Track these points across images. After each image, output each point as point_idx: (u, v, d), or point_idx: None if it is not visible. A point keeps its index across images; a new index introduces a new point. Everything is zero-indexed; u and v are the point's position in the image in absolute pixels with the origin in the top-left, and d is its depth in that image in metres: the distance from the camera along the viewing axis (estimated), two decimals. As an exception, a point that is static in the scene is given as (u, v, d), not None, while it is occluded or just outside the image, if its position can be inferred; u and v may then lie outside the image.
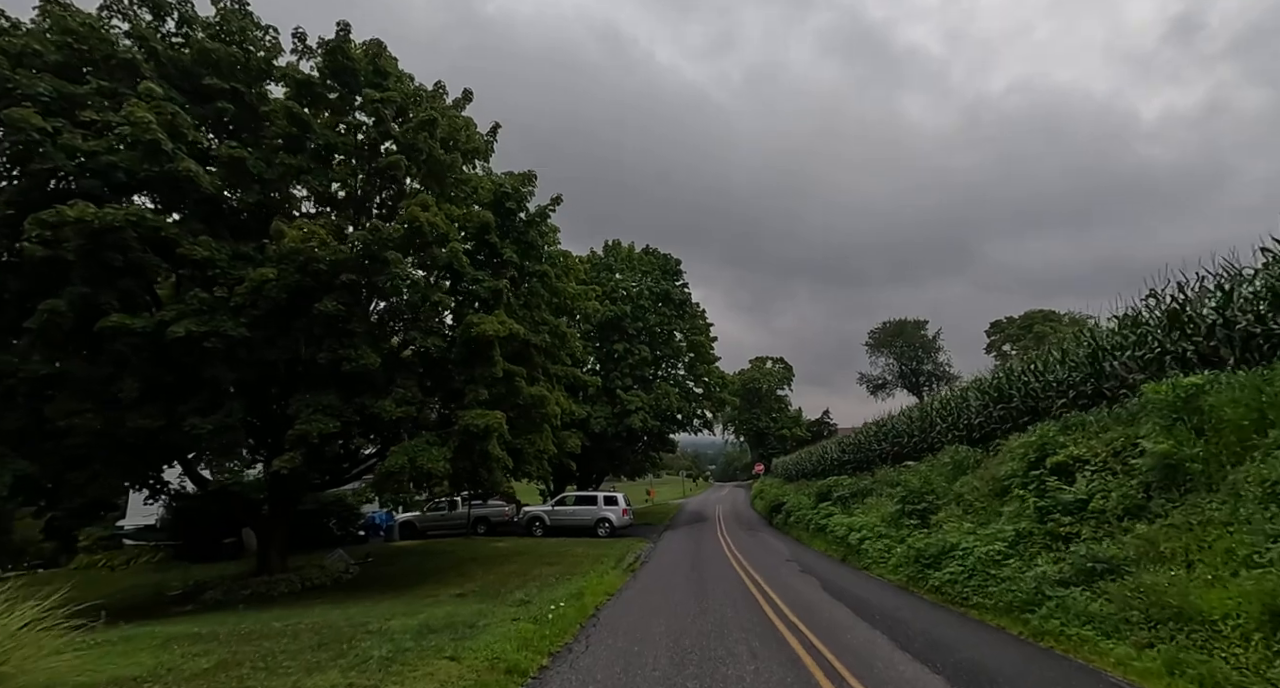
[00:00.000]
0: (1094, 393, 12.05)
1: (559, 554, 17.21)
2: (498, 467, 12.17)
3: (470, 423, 11.48)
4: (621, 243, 32.71)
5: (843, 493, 20.86)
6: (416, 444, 11.52)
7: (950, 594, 8.86)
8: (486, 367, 12.33)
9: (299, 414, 10.90)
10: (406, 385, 12.15)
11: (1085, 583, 6.71)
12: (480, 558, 17.22)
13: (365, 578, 15.05)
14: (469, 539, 22.48)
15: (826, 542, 17.60)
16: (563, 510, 23.93)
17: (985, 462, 13.71)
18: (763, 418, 79.84)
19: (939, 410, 19.49)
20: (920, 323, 75.65)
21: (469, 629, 7.14)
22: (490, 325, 11.80)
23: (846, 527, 16.20)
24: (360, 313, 11.61)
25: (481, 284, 12.81)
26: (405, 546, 21.93)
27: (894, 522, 13.99)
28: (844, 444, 29.94)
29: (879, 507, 16.64)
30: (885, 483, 18.81)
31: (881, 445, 24.22)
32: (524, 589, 11.32)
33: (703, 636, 7.06)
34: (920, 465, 16.92)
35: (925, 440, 20.21)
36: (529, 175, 14.62)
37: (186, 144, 10.56)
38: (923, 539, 10.90)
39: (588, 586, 11.03)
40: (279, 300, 10.79)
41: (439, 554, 18.67)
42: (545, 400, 13.51)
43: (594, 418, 27.55)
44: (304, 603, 11.82)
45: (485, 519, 24.67)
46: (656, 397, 28.43)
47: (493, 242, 13.36)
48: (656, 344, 30.61)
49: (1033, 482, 9.38)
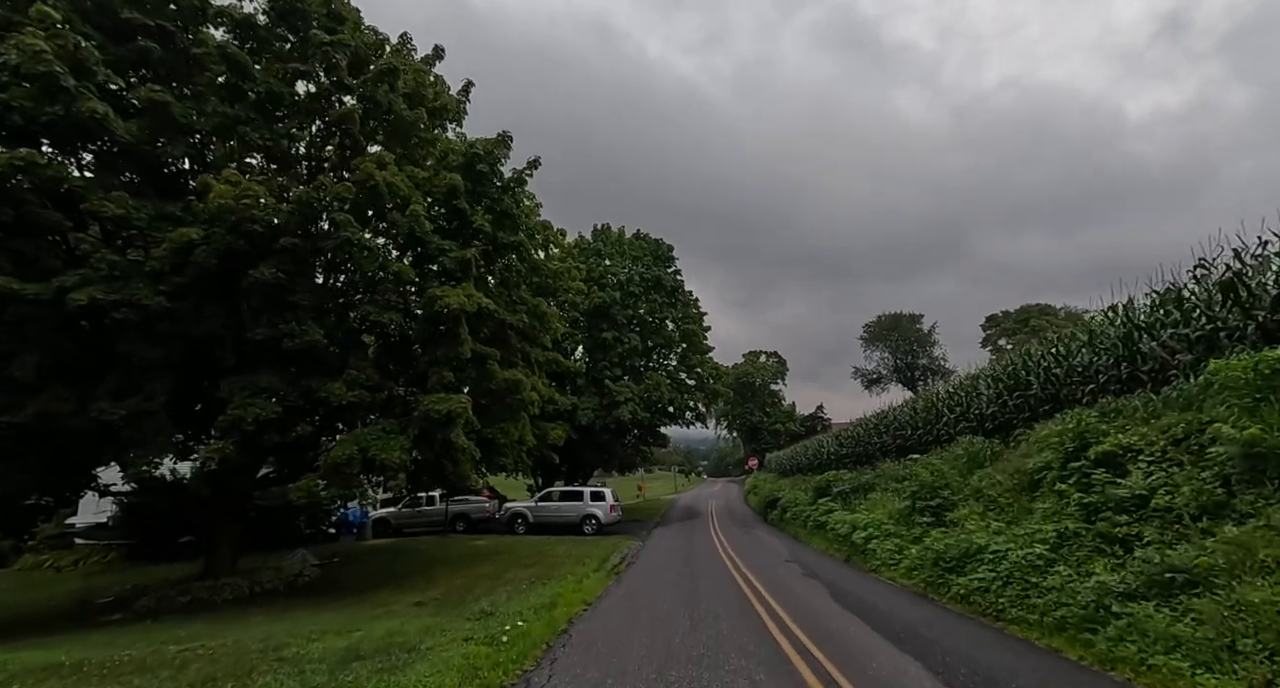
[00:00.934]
0: (1128, 377, 10.86)
1: (538, 554, 15.90)
2: (464, 458, 10.80)
3: (430, 409, 10.10)
4: (611, 227, 31.29)
5: (843, 488, 19.73)
6: (370, 433, 10.13)
7: (980, 605, 7.63)
8: (452, 346, 10.95)
9: (232, 397, 9.48)
10: (362, 367, 10.75)
11: (1161, 598, 5.48)
12: (452, 558, 15.89)
13: (323, 582, 13.67)
14: (445, 537, 21.12)
15: (827, 540, 16.40)
16: (547, 507, 22.60)
17: (1005, 454, 12.51)
18: (756, 413, 78.84)
19: (946, 401, 18.32)
20: (915, 317, 74.77)
21: (406, 655, 5.81)
22: (455, 298, 10.42)
23: (849, 524, 15.00)
24: (306, 283, 10.19)
25: (448, 254, 11.41)
26: (377, 544, 20.53)
27: (904, 519, 12.80)
28: (841, 438, 28.80)
29: (884, 503, 15.46)
30: (889, 478, 17.64)
31: (882, 439, 23.09)
32: (491, 597, 10.00)
33: (693, 662, 5.77)
34: (929, 459, 15.73)
35: (931, 433, 19.05)
36: (504, 138, 13.17)
37: (95, 84, 9.06)
38: (942, 539, 9.68)
39: (563, 592, 9.73)
40: (208, 267, 9.34)
41: (409, 554, 17.31)
42: (520, 385, 12.14)
43: (581, 409, 26.20)
44: (242, 613, 10.45)
45: (464, 516, 23.27)
46: (647, 388, 27.10)
47: (461, 207, 11.94)
48: (647, 333, 29.26)
49: (1072, 474, 8.16)
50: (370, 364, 10.97)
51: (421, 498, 23.54)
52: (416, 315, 11.27)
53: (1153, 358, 10.40)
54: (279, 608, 10.73)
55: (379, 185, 10.42)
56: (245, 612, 10.59)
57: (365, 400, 10.41)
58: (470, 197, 12.49)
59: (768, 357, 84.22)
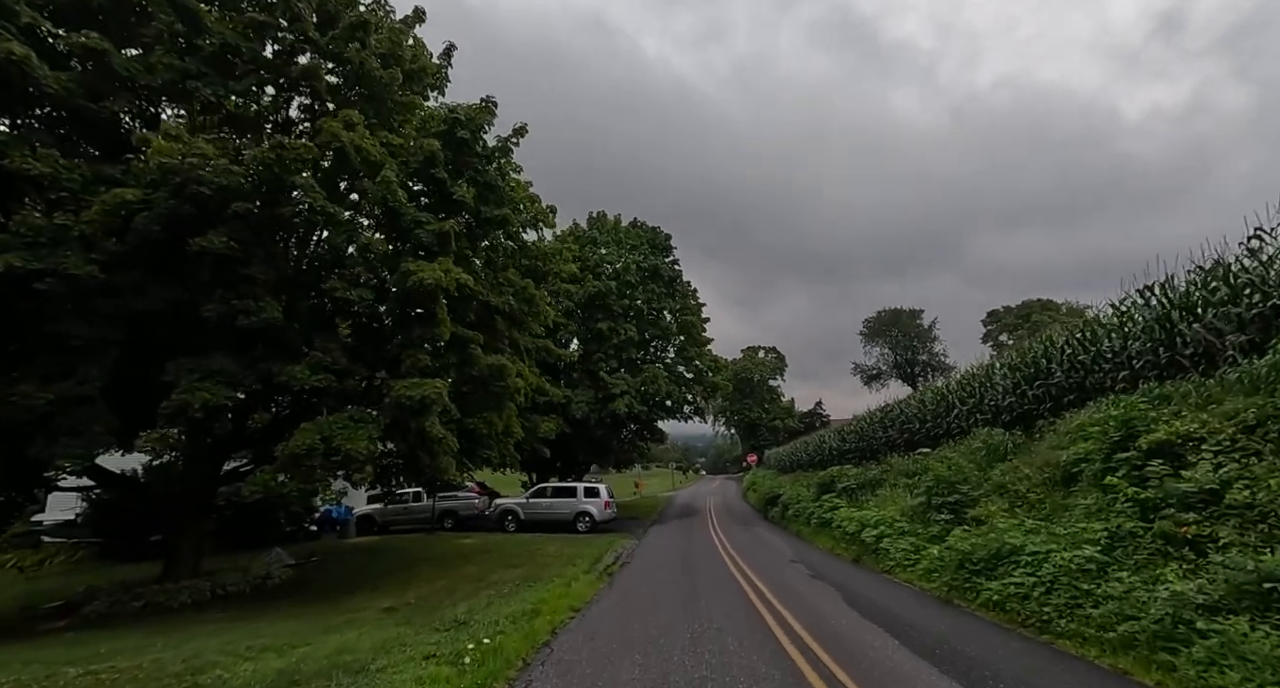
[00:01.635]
0: (1167, 363, 9.96)
1: (527, 554, 14.96)
2: (441, 449, 9.82)
3: (402, 395, 9.12)
4: (607, 215, 30.26)
5: (848, 484, 18.84)
6: (336, 421, 9.14)
7: (1018, 614, 6.71)
8: (429, 327, 9.97)
9: (179, 381, 8.48)
10: (329, 349, 9.75)
11: (1256, 612, 4.57)
12: (436, 558, 14.93)
13: (294, 584, 12.70)
14: (432, 535, 20.17)
15: (833, 539, 15.50)
16: (538, 503, 21.65)
17: (1029, 446, 11.62)
18: (754, 409, 78.01)
19: (958, 392, 17.43)
20: (916, 312, 73.95)
21: (350, 679, 4.85)
22: (431, 273, 9.42)
23: (858, 522, 14.09)
24: (263, 254, 9.18)
25: (424, 227, 10.40)
26: (359, 542, 19.56)
27: (918, 516, 11.89)
28: (844, 433, 27.95)
29: (895, 499, 14.57)
30: (898, 473, 16.76)
31: (888, 433, 22.23)
32: (470, 602, 9.05)
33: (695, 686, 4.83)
34: (943, 452, 14.82)
35: (940, 426, 18.18)
36: (488, 104, 12.16)
37: (18, 26, 8.02)
38: (967, 539, 8.75)
39: (549, 598, 8.78)
40: (151, 234, 8.33)
41: (392, 553, 16.36)
42: (505, 371, 11.15)
43: (575, 402, 25.24)
44: (194, 620, 9.48)
45: (453, 513, 22.31)
46: (644, 380, 26.14)
47: (440, 177, 10.94)
48: (644, 324, 28.28)
49: (1120, 466, 7.24)
50: (338, 347, 9.97)
51: (408, 494, 22.54)
52: (389, 294, 10.28)
53: (1196, 340, 9.51)
54: (236, 614, 9.76)
55: (346, 148, 9.41)
56: (198, 619, 9.62)
57: (332, 386, 9.41)
58: (451, 167, 11.48)
59: (766, 352, 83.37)
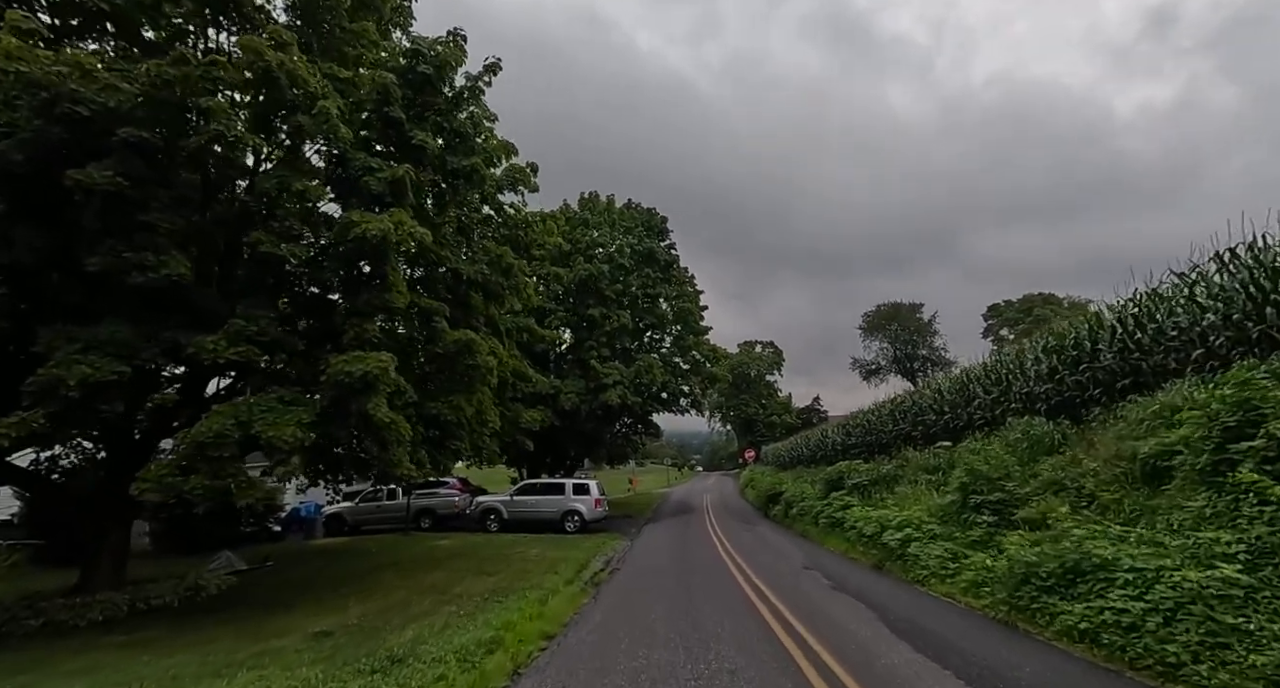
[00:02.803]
0: (1259, 338, 8.40)
1: (506, 558, 13.33)
2: (392, 438, 8.13)
3: (340, 370, 7.43)
4: (599, 195, 28.54)
5: (859, 481, 17.27)
6: (259, 403, 7.44)
7: (1122, 651, 5.11)
8: (378, 292, 8.27)
9: (52, 353, 6.76)
10: (255, 317, 8.04)
11: None
12: (404, 563, 13.27)
13: (231, 595, 10.99)
14: (406, 536, 18.48)
15: (846, 540, 13.95)
16: (523, 501, 19.99)
17: (1084, 436, 10.06)
18: (751, 404, 76.56)
19: (982, 380, 15.88)
20: (916, 306, 72.59)
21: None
22: (377, 225, 7.73)
23: (876, 523, 12.53)
24: (166, 198, 7.46)
25: (375, 174, 8.70)
26: (325, 544, 17.85)
27: (952, 517, 10.33)
28: (849, 427, 26.42)
29: (918, 497, 13.00)
30: (917, 468, 15.20)
31: (900, 426, 20.70)
32: (423, 624, 7.40)
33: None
34: (969, 445, 13.24)
35: (960, 417, 16.63)
36: (456, 37, 10.41)
37: None
38: (1029, 547, 7.16)
39: (518, 620, 7.13)
40: (12, 165, 6.60)
41: (356, 557, 14.68)
42: (474, 347, 9.46)
43: (564, 392, 23.57)
44: (89, 645, 7.78)
45: (430, 511, 20.60)
46: (638, 370, 24.49)
47: (396, 118, 9.21)
48: (639, 311, 26.62)
49: (1246, 459, 5.66)
50: (270, 316, 8.25)
51: (382, 491, 20.86)
52: (331, 252, 8.57)
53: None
54: (141, 637, 8.08)
55: (274, 71, 7.67)
56: (94, 643, 7.93)
57: (256, 361, 7.71)
58: (412, 110, 9.77)
59: (764, 347, 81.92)
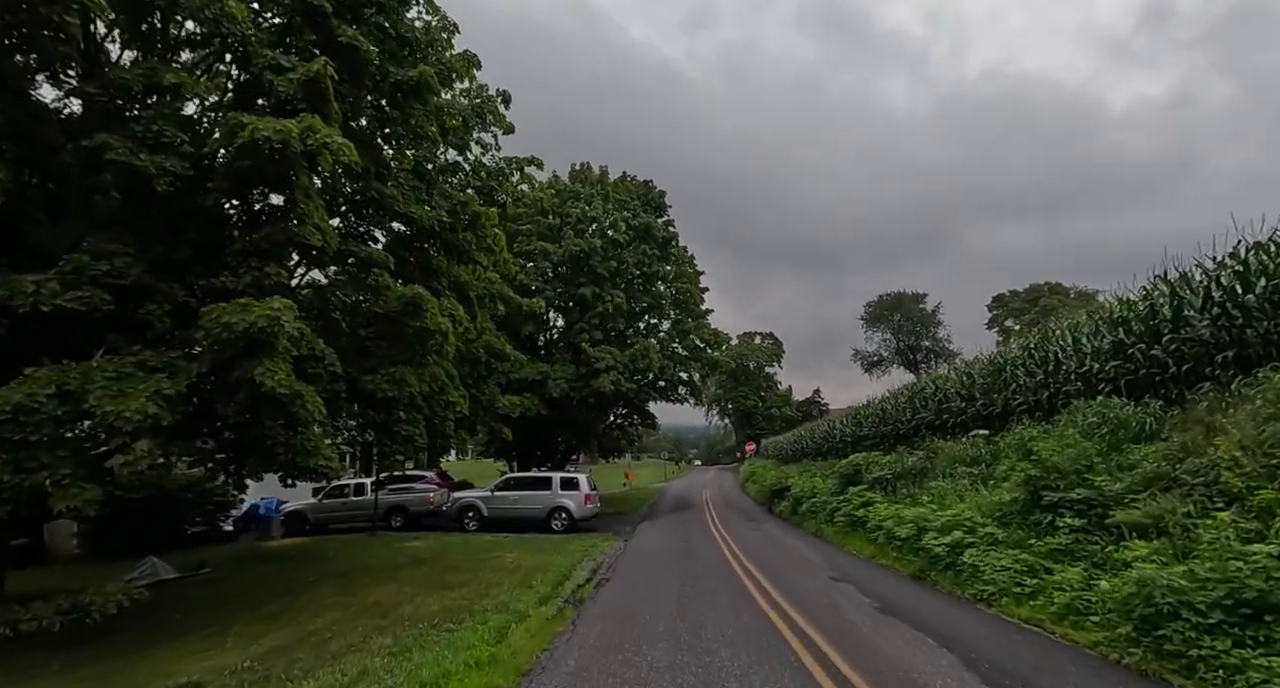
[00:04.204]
0: None
1: (477, 565, 11.36)
2: (304, 414, 6.10)
3: (218, 322, 5.39)
4: (591, 167, 26.41)
5: (881, 475, 15.37)
6: (102, 367, 5.40)
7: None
8: (280, 223, 6.21)
9: None
10: (108, 253, 5.98)
11: None
12: (355, 572, 11.28)
13: (134, 614, 8.95)
14: (373, 537, 16.47)
15: (872, 544, 12.09)
16: (505, 497, 18.00)
17: (1191, 419, 8.10)
18: (750, 396, 74.74)
19: (1023, 361, 13.90)
20: (919, 296, 70.59)
21: None
22: (273, 128, 5.67)
23: (912, 524, 10.65)
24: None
25: (285, 75, 6.63)
26: (278, 547, 15.82)
27: (1015, 519, 8.42)
28: (860, 417, 24.49)
29: (961, 494, 11.05)
30: (954, 460, 13.26)
31: (920, 414, 18.76)
32: (342, 663, 5.41)
33: None
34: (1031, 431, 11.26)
35: (994, 403, 14.67)
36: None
37: None
38: (1170, 567, 5.18)
39: (461, 664, 5.15)
40: None
41: (305, 563, 12.68)
42: (423, 305, 7.41)
43: (553, 379, 21.56)
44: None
45: (401, 509, 18.58)
46: (633, 355, 22.47)
47: (318, 5, 7.12)
48: (634, 292, 24.57)
49: None
50: (127, 251, 6.17)
51: (348, 486, 18.86)
52: (219, 168, 6.51)
53: None
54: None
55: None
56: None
57: (100, 308, 5.65)
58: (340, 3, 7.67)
59: (763, 338, 79.96)
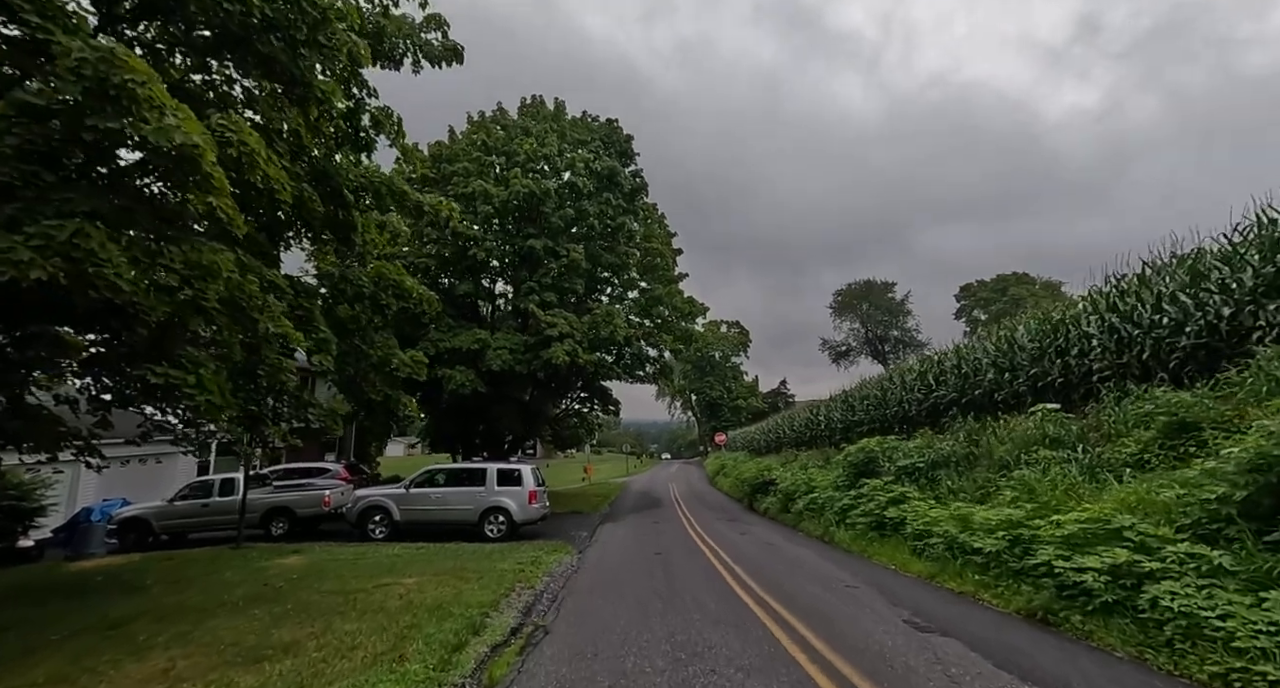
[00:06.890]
0: None
1: (348, 600, 7.25)
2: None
3: None
4: (545, 101, 22.15)
5: (911, 463, 12.08)
6: None
7: None
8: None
9: None
10: None
11: None
12: (175, 614, 6.94)
13: None
14: (236, 550, 12.00)
15: (922, 558, 8.68)
16: (425, 496, 13.81)
17: None
18: (716, 387, 71.90)
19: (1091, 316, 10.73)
20: (888, 285, 69.12)
21: None
22: None
23: (1003, 531, 7.29)
24: None
25: None
26: (89, 568, 11.04)
27: (1235, 532, 5.00)
28: (853, 400, 21.39)
29: (1073, 488, 7.65)
30: (1022, 443, 9.95)
31: (937, 392, 15.65)
32: None
33: None
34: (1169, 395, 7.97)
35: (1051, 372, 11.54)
36: None
37: None
38: None
39: None
40: None
41: (106, 597, 8.17)
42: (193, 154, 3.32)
43: (493, 348, 17.40)
44: None
45: (285, 511, 14.12)
46: (594, 320, 18.51)
47: None
48: (596, 250, 20.55)
49: None
50: None
51: (213, 483, 14.23)
52: None
53: None
54: None
55: None
56: None
57: None
58: None
59: (729, 327, 77.17)
